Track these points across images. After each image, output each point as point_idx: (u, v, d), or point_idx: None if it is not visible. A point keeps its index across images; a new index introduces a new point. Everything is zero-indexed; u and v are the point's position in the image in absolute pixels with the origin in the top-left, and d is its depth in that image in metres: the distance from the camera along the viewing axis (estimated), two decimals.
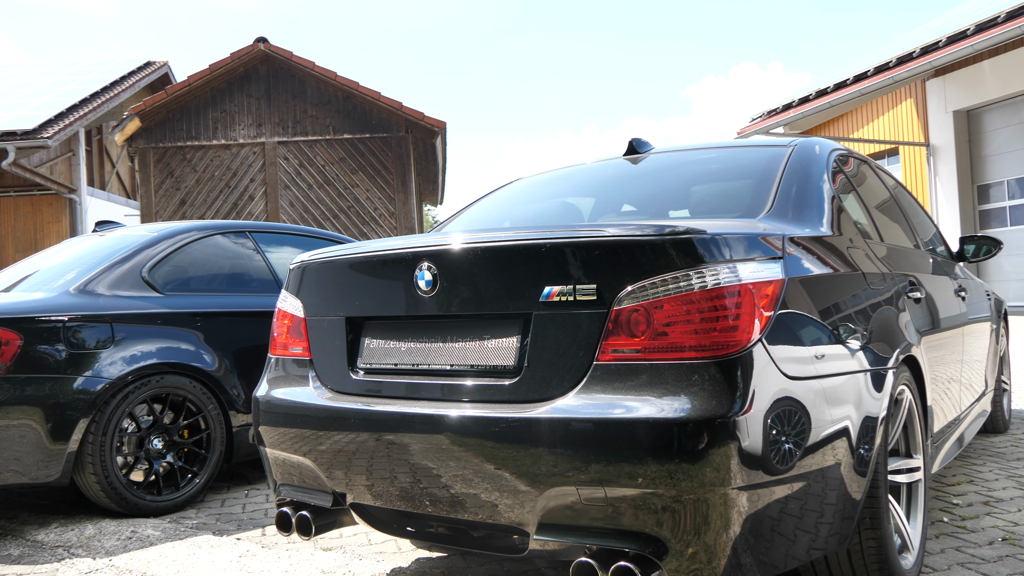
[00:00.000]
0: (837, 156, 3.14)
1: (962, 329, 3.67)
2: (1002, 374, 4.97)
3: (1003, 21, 14.05)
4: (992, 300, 4.75)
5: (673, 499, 1.92)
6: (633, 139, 3.36)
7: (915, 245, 3.62)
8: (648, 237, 2.03)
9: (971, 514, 3.35)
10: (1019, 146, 18.13)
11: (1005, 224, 18.67)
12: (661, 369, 1.98)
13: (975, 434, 4.80)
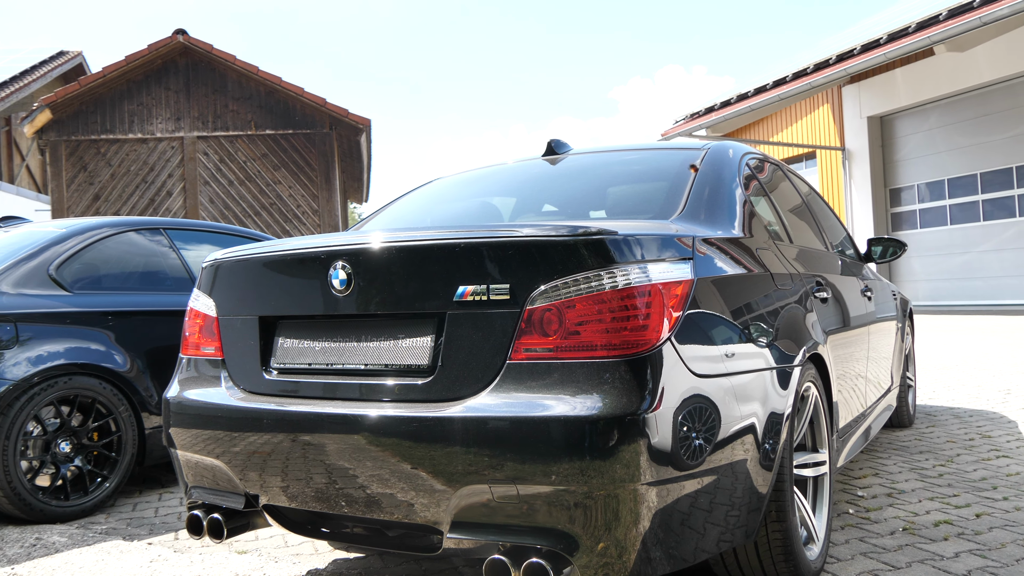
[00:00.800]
0: (749, 160, 3.23)
1: (868, 328, 3.80)
2: (907, 371, 5.17)
3: (914, 31, 14.58)
4: (898, 300, 4.93)
5: (584, 495, 1.95)
6: (552, 140, 3.40)
7: (824, 247, 3.74)
8: (560, 237, 2.06)
9: (875, 505, 3.48)
10: (929, 151, 18.84)
11: (916, 227, 19.39)
12: (573, 368, 2.01)
13: (881, 428, 4.98)
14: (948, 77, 17.45)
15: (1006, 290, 17.27)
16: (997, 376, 7.30)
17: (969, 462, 4.16)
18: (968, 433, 4.86)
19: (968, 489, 3.67)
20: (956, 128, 18.14)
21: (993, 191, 17.48)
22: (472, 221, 3.18)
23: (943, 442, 4.66)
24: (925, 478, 3.89)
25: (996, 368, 7.86)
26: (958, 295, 18.27)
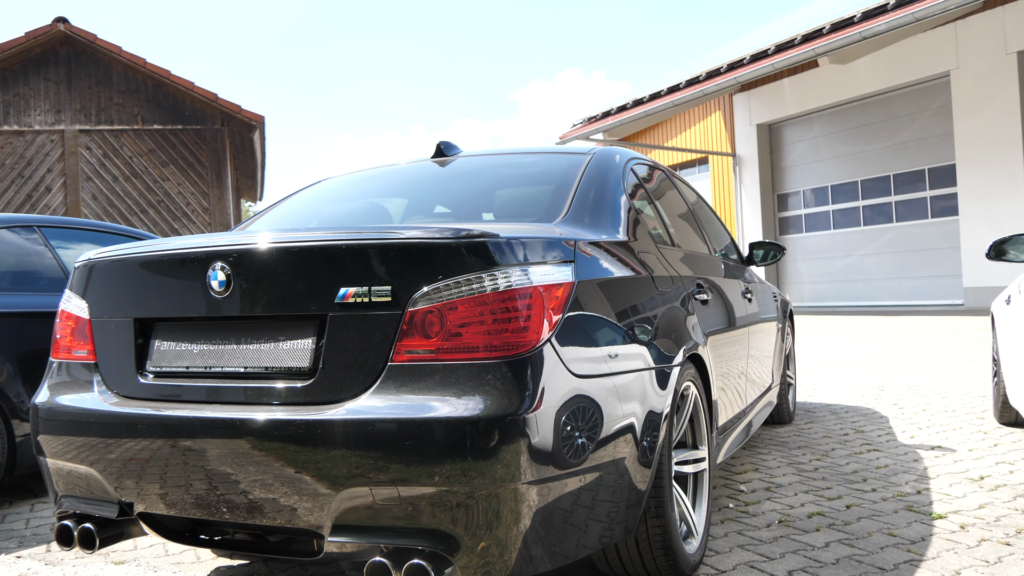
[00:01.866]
0: (635, 166, 3.31)
1: (748, 328, 3.95)
2: (788, 369, 5.38)
3: (799, 43, 15.17)
4: (779, 301, 5.13)
5: (466, 496, 1.96)
6: (441, 142, 3.40)
7: (708, 251, 3.86)
8: (442, 240, 2.07)
9: (754, 500, 3.61)
10: (814, 159, 19.65)
11: (801, 231, 20.19)
12: (454, 369, 2.02)
13: (762, 425, 5.17)
14: (831, 88, 18.25)
15: (884, 292, 18.15)
16: (873, 374, 7.67)
17: (843, 456, 4.36)
18: (843, 428, 5.10)
19: (841, 482, 3.85)
20: (839, 137, 18.98)
21: (872, 197, 18.37)
22: (360, 222, 3.15)
23: (820, 437, 4.87)
24: (802, 472, 4.06)
25: (872, 366, 8.26)
26: (840, 296, 19.12)
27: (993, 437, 4.69)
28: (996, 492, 3.59)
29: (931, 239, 17.11)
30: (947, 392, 6.37)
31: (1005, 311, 4.68)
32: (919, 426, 5.08)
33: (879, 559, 2.84)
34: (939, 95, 16.70)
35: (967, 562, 2.79)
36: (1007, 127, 15.20)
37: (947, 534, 3.07)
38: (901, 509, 3.39)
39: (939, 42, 16.15)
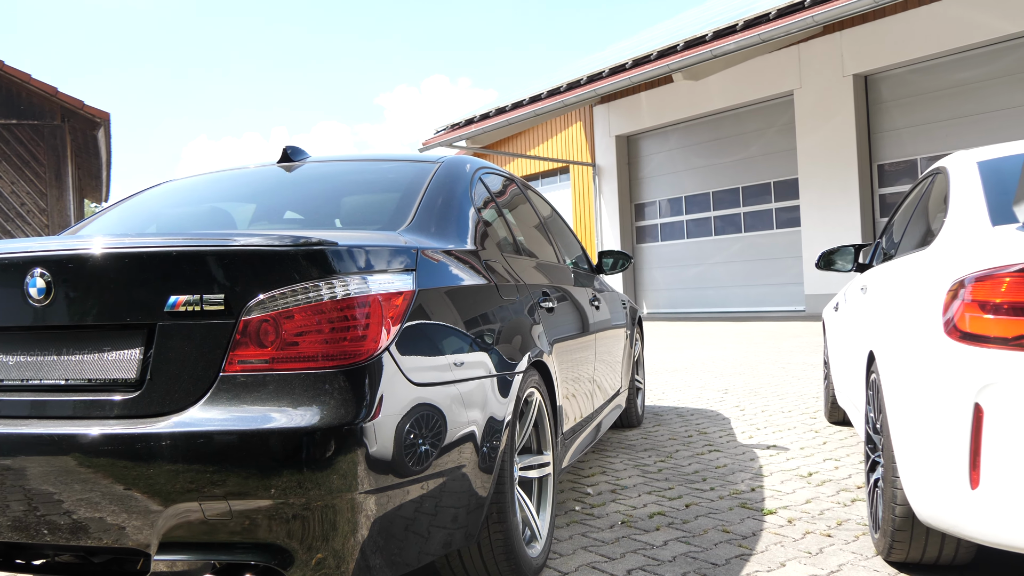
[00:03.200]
0: (484, 175, 3.34)
1: (596, 335, 4.06)
2: (637, 374, 5.56)
3: (655, 59, 15.71)
4: (628, 308, 5.30)
5: (301, 508, 1.94)
6: (287, 147, 3.35)
7: (556, 260, 3.94)
8: (278, 247, 2.04)
9: (599, 502, 3.71)
10: (669, 170, 20.37)
11: (657, 240, 20.89)
12: (290, 379, 1.99)
13: (610, 429, 5.31)
14: (686, 103, 18.98)
15: (734, 298, 19.00)
16: (719, 377, 8.02)
17: (686, 457, 4.54)
18: (688, 431, 5.31)
19: (682, 482, 4.01)
20: (692, 150, 19.76)
21: (723, 208, 19.20)
22: (200, 226, 3.06)
23: (666, 440, 5.05)
24: (646, 474, 4.20)
25: (719, 370, 8.63)
26: (693, 303, 19.89)
27: (823, 435, 4.99)
28: (822, 487, 3.82)
29: (776, 249, 18.04)
30: (785, 394, 6.73)
31: (833, 317, 4.99)
32: (757, 427, 5.34)
33: (713, 555, 2.98)
34: (784, 113, 17.65)
35: (792, 554, 2.96)
36: (843, 144, 16.22)
37: (776, 528, 3.25)
38: (736, 506, 3.56)
39: (784, 63, 17.08)
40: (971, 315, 2.24)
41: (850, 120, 16.13)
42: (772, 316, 17.00)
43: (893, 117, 16.02)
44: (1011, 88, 14.30)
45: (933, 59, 15.17)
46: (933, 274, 2.53)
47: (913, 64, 15.49)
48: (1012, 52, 14.26)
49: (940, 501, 2.33)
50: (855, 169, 16.07)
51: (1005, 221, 2.54)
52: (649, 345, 12.17)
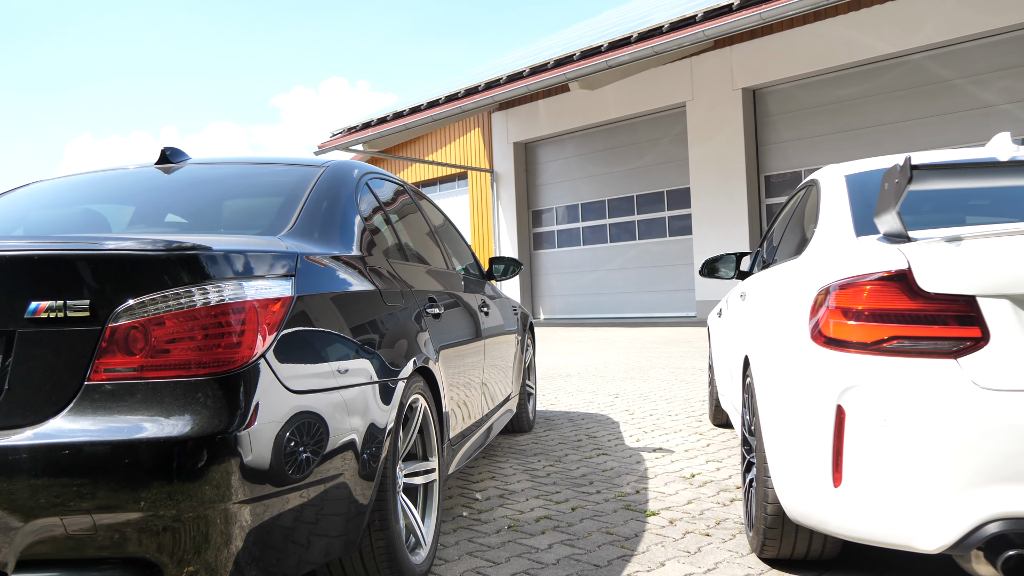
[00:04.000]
0: (371, 180, 3.32)
1: (485, 341, 4.08)
2: (528, 380, 5.61)
3: (552, 67, 15.90)
4: (519, 315, 5.34)
5: (172, 520, 1.88)
6: (166, 148, 3.25)
7: (445, 266, 3.95)
8: (149, 252, 1.98)
9: (487, 507, 3.73)
10: (566, 178, 20.64)
11: (554, 246, 21.13)
12: (160, 388, 1.93)
13: (501, 434, 5.34)
14: (582, 112, 19.27)
15: (628, 304, 19.38)
16: (611, 382, 8.16)
17: (574, 461, 4.60)
18: (578, 435, 5.39)
19: (570, 486, 4.06)
20: (589, 158, 20.08)
21: (618, 216, 19.57)
22: (71, 229, 2.94)
23: (556, 444, 5.11)
24: (535, 478, 4.24)
25: (611, 375, 8.79)
26: (589, 309, 20.19)
27: (707, 438, 5.14)
28: (703, 488, 3.94)
29: (668, 256, 18.48)
30: (673, 398, 6.90)
31: (716, 323, 5.15)
32: (645, 430, 5.46)
33: (596, 556, 3.03)
34: (677, 123, 18.12)
35: (672, 554, 3.04)
36: (733, 156, 16.77)
37: (658, 529, 3.33)
38: (620, 508, 3.63)
39: (677, 75, 17.54)
40: (835, 321, 2.35)
41: (739, 132, 16.69)
42: (665, 322, 17.41)
43: (779, 130, 16.66)
44: (888, 105, 15.07)
45: (817, 76, 15.85)
46: (802, 282, 2.65)
47: (798, 80, 16.14)
48: (889, 71, 15.03)
49: (807, 499, 2.43)
50: (743, 180, 16.62)
51: (868, 232, 2.67)
52: (544, 350, 12.30)
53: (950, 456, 2.10)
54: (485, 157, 21.75)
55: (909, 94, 14.82)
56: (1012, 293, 2.16)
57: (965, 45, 14.10)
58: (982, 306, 2.17)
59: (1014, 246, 2.17)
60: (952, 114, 14.21)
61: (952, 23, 13.77)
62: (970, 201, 3.23)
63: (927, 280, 2.21)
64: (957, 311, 2.19)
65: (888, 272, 2.26)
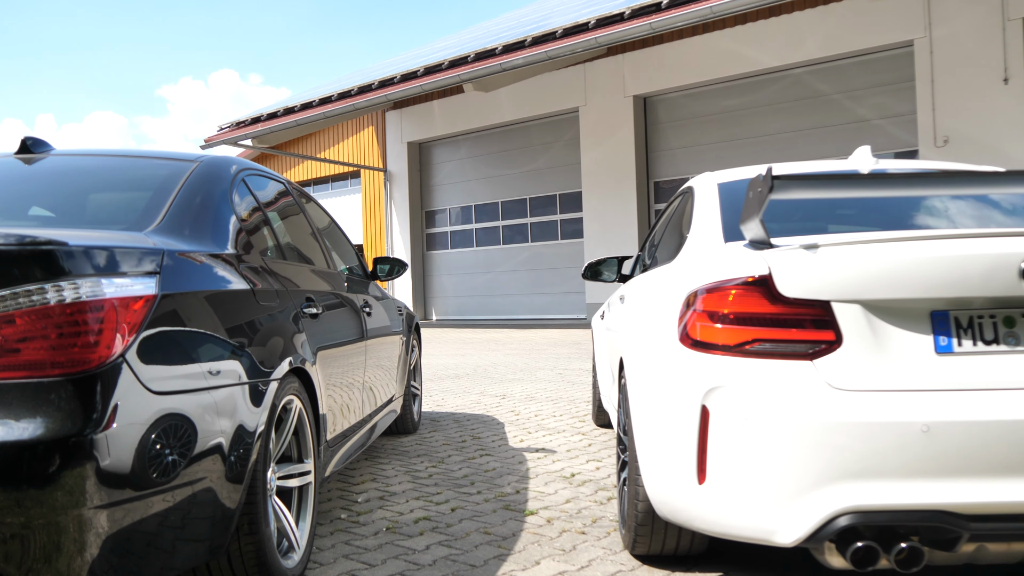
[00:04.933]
0: (249, 176, 3.25)
1: (367, 342, 4.04)
2: (413, 381, 5.59)
3: (447, 68, 15.88)
4: (404, 315, 5.32)
5: (20, 527, 1.80)
6: (27, 138, 3.10)
7: (326, 266, 3.89)
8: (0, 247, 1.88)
9: (367, 509, 3.70)
10: (460, 179, 20.67)
11: (447, 247, 21.11)
12: (10, 388, 1.85)
13: (384, 435, 5.31)
14: (477, 113, 19.34)
15: (520, 306, 19.54)
16: (498, 383, 8.21)
17: (457, 462, 4.61)
18: (463, 436, 5.40)
19: (451, 487, 4.06)
20: (483, 160, 20.16)
21: (511, 218, 19.72)
22: None
23: (440, 445, 5.11)
24: (417, 479, 4.23)
25: (500, 376, 8.84)
26: (482, 310, 20.26)
27: (589, 438, 5.23)
28: (582, 487, 4.00)
29: (560, 258, 18.73)
30: (559, 399, 7.00)
31: (599, 325, 5.25)
32: (529, 431, 5.52)
33: (472, 556, 3.04)
34: (570, 128, 18.39)
35: (547, 552, 3.08)
36: (623, 161, 17.13)
37: (535, 528, 3.37)
38: (499, 508, 3.66)
39: (571, 80, 17.81)
40: (701, 324, 2.43)
41: (630, 138, 17.06)
42: (556, 324, 17.63)
43: (668, 138, 17.11)
44: (770, 117, 15.69)
45: (705, 86, 16.36)
46: (672, 286, 2.73)
47: (687, 89, 16.63)
48: (772, 84, 15.64)
49: (674, 496, 2.50)
50: (634, 185, 17.00)
51: (736, 238, 2.77)
52: (434, 352, 12.27)
53: (805, 453, 2.20)
54: (379, 156, 21.56)
55: (791, 107, 15.47)
56: (863, 298, 2.28)
57: (842, 62, 14.81)
58: (836, 310, 2.29)
59: (864, 254, 2.29)
60: (830, 127, 14.91)
61: (831, 41, 14.45)
62: (838, 211, 3.38)
63: (786, 285, 2.31)
64: (813, 315, 2.30)
65: (750, 277, 2.35)
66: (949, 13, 13.25)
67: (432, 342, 14.41)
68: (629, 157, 17.07)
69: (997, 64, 12.87)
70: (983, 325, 2.28)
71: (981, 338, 2.27)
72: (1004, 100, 12.83)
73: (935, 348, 2.27)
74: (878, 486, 2.17)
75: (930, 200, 3.26)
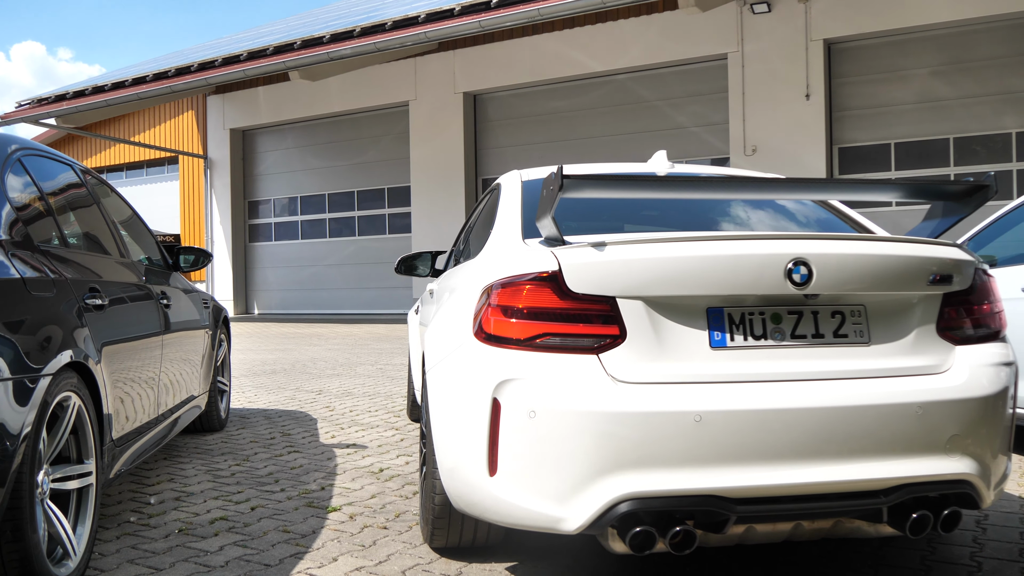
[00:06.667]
0: (27, 157, 3.03)
1: (164, 336, 3.85)
2: (221, 376, 5.38)
3: (271, 54, 15.41)
4: (211, 308, 5.11)
5: None
6: None
7: (120, 255, 3.68)
8: None
9: (159, 511, 3.53)
10: (286, 169, 20.12)
11: (271, 239, 20.51)
12: None
13: (189, 433, 5.10)
14: (305, 102, 18.87)
15: (345, 301, 19.26)
16: (316, 379, 8.06)
17: (263, 459, 4.48)
18: (272, 433, 5.25)
19: (253, 485, 3.95)
20: (310, 150, 19.71)
21: (338, 211, 19.39)
22: None
23: (247, 443, 4.95)
24: (218, 478, 4.08)
25: (318, 371, 8.67)
26: (306, 304, 19.82)
27: (402, 433, 5.21)
28: (390, 482, 3.99)
29: (388, 253, 18.57)
30: (376, 394, 6.94)
31: (413, 320, 5.25)
32: (342, 426, 5.45)
33: (268, 556, 2.97)
34: (400, 122, 18.26)
35: (347, 548, 3.04)
36: (452, 157, 17.19)
37: (337, 524, 3.33)
38: (302, 506, 3.59)
39: (402, 74, 17.68)
40: (495, 319, 2.47)
41: (459, 135, 17.15)
42: (382, 319, 17.49)
43: (497, 136, 17.32)
44: (595, 120, 16.19)
45: (533, 86, 16.67)
46: (470, 281, 2.76)
47: (516, 89, 16.89)
48: (597, 88, 16.14)
49: (467, 489, 2.53)
50: (462, 181, 17.10)
51: (535, 235, 2.83)
52: (252, 346, 11.90)
53: (588, 444, 2.29)
54: (199, 142, 20.64)
55: (614, 111, 16.02)
56: (646, 295, 2.38)
57: (663, 71, 15.49)
58: (621, 306, 2.38)
59: (646, 252, 2.40)
60: (651, 132, 15.55)
61: (653, 50, 15.07)
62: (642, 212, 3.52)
63: (575, 281, 2.39)
64: (600, 311, 2.38)
65: (541, 273, 2.41)
66: (760, 31, 14.13)
67: (251, 337, 13.95)
68: (458, 153, 17.16)
69: (800, 81, 13.84)
70: (753, 321, 2.44)
71: (751, 333, 2.43)
72: (805, 114, 13.82)
73: (710, 343, 2.41)
74: (655, 473, 2.28)
75: (728, 204, 3.46)
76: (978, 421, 2.49)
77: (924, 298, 2.56)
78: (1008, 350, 2.68)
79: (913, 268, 2.52)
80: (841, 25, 13.53)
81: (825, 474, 2.34)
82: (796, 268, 2.38)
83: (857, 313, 2.50)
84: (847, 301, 2.50)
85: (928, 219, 2.95)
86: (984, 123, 12.91)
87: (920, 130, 13.40)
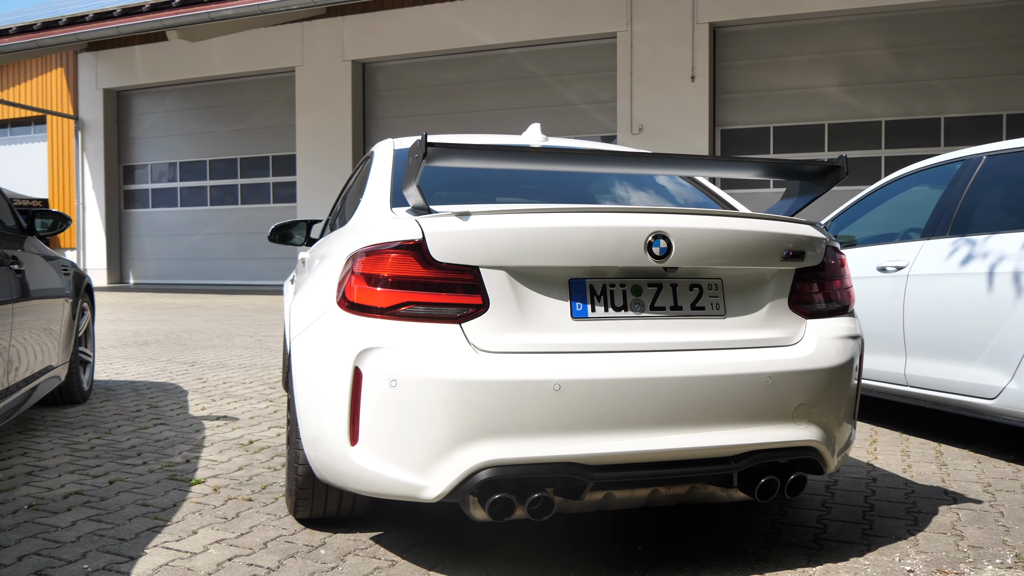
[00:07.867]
0: None
1: (15, 304, 3.65)
2: (84, 347, 5.15)
3: (147, 11, 14.74)
4: (71, 275, 4.87)
5: None
6: None
7: None
8: None
9: (8, 487, 3.36)
10: (164, 133, 19.34)
11: (148, 206, 19.73)
12: None
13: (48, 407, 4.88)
14: (185, 64, 18.15)
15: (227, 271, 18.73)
16: (191, 350, 7.81)
17: (127, 432, 4.32)
18: (139, 405, 5.07)
19: (114, 458, 3.80)
20: (190, 114, 18.99)
21: (220, 178, 18.80)
22: None
23: (111, 415, 4.76)
24: (76, 452, 3.91)
25: (193, 342, 8.41)
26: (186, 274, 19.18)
27: (276, 404, 5.12)
28: (258, 454, 3.91)
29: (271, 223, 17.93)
30: (252, 366, 6.79)
31: (289, 289, 5.14)
32: (214, 398, 5.31)
33: (123, 530, 2.87)
34: (285, 88, 17.77)
35: (208, 521, 2.97)
36: (340, 127, 16.87)
37: (199, 497, 3.24)
38: (164, 479, 3.48)
39: (288, 38, 17.19)
40: (358, 287, 2.44)
41: (347, 104, 16.83)
42: (264, 290, 17.09)
43: (387, 106, 17.08)
44: (486, 93, 16.16)
45: (425, 57, 16.49)
46: (336, 250, 2.72)
47: (407, 59, 16.67)
48: (488, 61, 16.09)
49: (330, 458, 2.51)
50: (350, 151, 16.81)
51: (402, 204, 2.81)
52: (124, 316, 11.45)
53: (448, 413, 2.29)
54: (69, 102, 19.58)
55: (505, 85, 16.02)
56: (509, 265, 2.40)
57: (554, 47, 15.56)
58: (484, 276, 2.39)
59: (509, 223, 2.41)
60: (540, 107, 15.61)
61: (544, 25, 15.12)
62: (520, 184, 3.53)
63: (439, 251, 2.38)
64: (463, 280, 2.39)
65: (405, 241, 2.40)
66: (648, 11, 14.35)
67: (124, 307, 13.41)
68: (346, 123, 16.84)
69: (686, 62, 14.15)
70: (614, 293, 2.49)
71: (612, 304, 2.48)
72: (691, 95, 14.15)
73: (571, 313, 2.45)
74: (514, 442, 2.31)
75: (603, 180, 3.51)
76: (824, 391, 2.61)
77: (778, 273, 2.66)
78: (855, 324, 2.83)
79: (768, 244, 2.62)
80: (727, 10, 13.88)
81: (679, 441, 2.41)
82: (656, 241, 2.44)
83: (714, 286, 2.58)
84: (705, 275, 2.58)
85: (785, 198, 3.07)
86: (856, 111, 13.53)
87: (797, 115, 13.94)
